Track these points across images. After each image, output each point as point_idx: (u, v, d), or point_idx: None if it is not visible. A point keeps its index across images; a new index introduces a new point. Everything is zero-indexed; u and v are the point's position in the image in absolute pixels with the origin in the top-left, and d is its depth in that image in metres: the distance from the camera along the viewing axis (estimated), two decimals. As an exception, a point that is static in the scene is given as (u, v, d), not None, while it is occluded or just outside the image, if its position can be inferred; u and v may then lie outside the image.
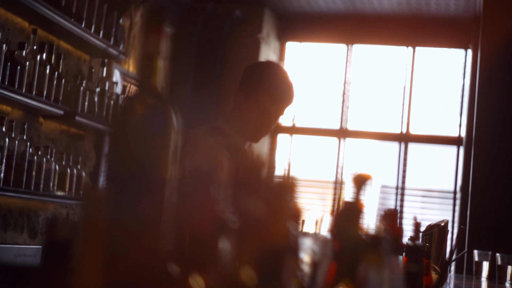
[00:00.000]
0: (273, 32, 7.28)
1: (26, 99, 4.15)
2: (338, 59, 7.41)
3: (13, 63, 4.04)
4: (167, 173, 1.11)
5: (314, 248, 1.32)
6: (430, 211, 7.00)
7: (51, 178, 4.47)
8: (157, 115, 1.12)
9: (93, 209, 0.92)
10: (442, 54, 7.27)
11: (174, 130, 1.13)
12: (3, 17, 4.33)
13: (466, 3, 6.46)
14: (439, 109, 7.23)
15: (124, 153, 1.11)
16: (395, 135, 7.18)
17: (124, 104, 1.16)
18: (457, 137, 7.02)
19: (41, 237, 4.83)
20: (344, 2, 6.75)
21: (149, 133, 1.11)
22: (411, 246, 2.15)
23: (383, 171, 7.24)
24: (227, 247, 1.10)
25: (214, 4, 6.79)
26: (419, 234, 2.40)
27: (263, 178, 1.32)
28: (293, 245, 1.24)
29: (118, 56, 5.22)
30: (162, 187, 1.11)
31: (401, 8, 6.79)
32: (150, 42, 1.13)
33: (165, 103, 1.14)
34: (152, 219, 1.09)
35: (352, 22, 7.16)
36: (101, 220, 0.93)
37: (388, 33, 7.14)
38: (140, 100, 1.15)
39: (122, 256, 1.05)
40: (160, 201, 1.10)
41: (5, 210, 4.50)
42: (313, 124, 7.41)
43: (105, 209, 0.93)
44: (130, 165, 1.10)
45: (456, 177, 6.92)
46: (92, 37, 4.83)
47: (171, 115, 1.13)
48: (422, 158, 7.20)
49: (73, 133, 5.15)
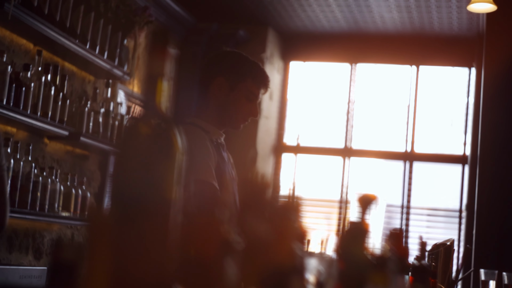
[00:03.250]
0: (277, 51, 7.30)
1: (31, 120, 4.16)
2: (342, 78, 7.42)
3: (18, 85, 4.05)
4: (172, 194, 1.11)
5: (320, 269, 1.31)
6: (435, 230, 6.97)
7: (56, 198, 4.47)
8: (162, 136, 1.13)
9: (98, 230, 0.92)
10: (446, 73, 7.27)
11: (179, 150, 1.13)
12: (8, 39, 4.35)
13: (469, 21, 6.47)
14: (443, 127, 7.22)
15: (129, 174, 1.11)
16: (400, 154, 7.17)
17: (129, 124, 1.16)
18: (462, 155, 7.01)
19: (46, 258, 4.82)
20: (347, 21, 6.78)
21: (153, 153, 1.11)
22: (417, 265, 2.14)
23: (388, 190, 7.22)
24: (232, 268, 1.10)
25: (217, 24, 6.82)
26: (425, 254, 2.39)
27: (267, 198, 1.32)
28: (298, 266, 1.23)
29: (123, 76, 5.24)
30: (167, 208, 1.10)
31: (405, 27, 6.81)
32: (154, 64, 1.14)
33: (170, 123, 1.14)
34: (157, 240, 1.09)
35: (355, 41, 7.18)
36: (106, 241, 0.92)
37: (392, 52, 7.15)
38: (144, 121, 1.15)
39: (127, 277, 1.04)
40: (165, 222, 1.10)
41: (10, 231, 4.50)
42: (317, 143, 7.40)
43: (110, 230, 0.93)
44: (135, 186, 1.10)
45: (462, 196, 6.90)
46: (97, 58, 4.85)
47: (176, 135, 1.13)
48: (427, 177, 7.18)
49: (78, 154, 5.15)
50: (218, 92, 2.82)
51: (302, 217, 1.34)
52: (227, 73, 2.83)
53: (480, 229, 5.65)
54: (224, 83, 2.82)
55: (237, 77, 2.82)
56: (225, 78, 2.82)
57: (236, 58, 2.89)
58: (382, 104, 7.35)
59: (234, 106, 2.82)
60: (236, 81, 2.82)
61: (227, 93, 2.82)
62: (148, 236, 1.09)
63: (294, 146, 7.40)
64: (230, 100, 2.82)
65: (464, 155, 6.98)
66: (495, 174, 5.68)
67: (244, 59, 2.88)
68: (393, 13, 6.44)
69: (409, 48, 7.09)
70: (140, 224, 1.09)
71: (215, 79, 2.83)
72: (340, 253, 1.37)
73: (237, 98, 2.82)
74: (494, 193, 5.64)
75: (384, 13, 6.47)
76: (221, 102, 2.82)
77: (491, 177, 5.69)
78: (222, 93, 2.82)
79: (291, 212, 1.30)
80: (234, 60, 2.87)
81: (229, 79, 2.82)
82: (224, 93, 2.82)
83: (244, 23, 6.93)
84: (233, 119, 2.83)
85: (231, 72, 2.83)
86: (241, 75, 2.82)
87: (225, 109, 2.82)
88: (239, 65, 2.85)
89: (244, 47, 7.02)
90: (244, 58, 2.89)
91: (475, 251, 5.56)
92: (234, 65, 2.85)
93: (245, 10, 6.67)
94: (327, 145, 7.37)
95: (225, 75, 2.83)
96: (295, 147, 7.40)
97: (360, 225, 1.38)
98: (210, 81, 2.84)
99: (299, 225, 1.31)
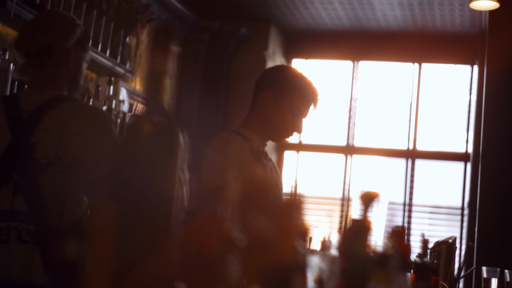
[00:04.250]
0: (279, 49, 7.30)
1: (33, 117, 4.15)
2: (344, 76, 7.41)
3: (21, 82, 4.06)
4: (174, 191, 1.11)
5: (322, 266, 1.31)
6: (437, 227, 6.97)
7: (58, 196, 4.46)
8: (164, 133, 1.13)
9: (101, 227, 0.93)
10: (448, 70, 7.27)
11: (181, 148, 1.13)
12: (10, 36, 4.36)
13: (471, 19, 6.47)
14: (445, 125, 7.22)
15: (132, 171, 1.11)
16: (402, 152, 7.17)
17: (131, 122, 1.16)
18: (464, 153, 7.01)
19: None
20: (349, 19, 6.77)
21: (156, 151, 1.11)
22: (419, 263, 2.14)
23: (390, 187, 7.22)
24: (235, 265, 1.10)
25: (220, 22, 6.81)
26: (427, 251, 2.39)
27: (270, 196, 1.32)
28: (300, 263, 1.23)
29: (125, 74, 5.24)
30: (169, 205, 1.11)
31: (407, 25, 6.80)
32: (157, 62, 1.14)
33: (172, 121, 1.14)
34: (159, 237, 1.09)
35: (358, 39, 7.17)
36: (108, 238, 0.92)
37: (394, 49, 7.14)
38: (147, 118, 1.15)
39: (129, 274, 1.05)
40: (167, 219, 1.10)
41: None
42: (319, 141, 7.40)
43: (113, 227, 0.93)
44: (138, 183, 1.10)
45: (464, 193, 6.90)
46: (99, 55, 4.85)
47: (178, 133, 1.13)
48: (429, 175, 7.18)
49: (80, 151, 5.15)
50: (263, 104, 2.87)
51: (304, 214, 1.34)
52: (274, 86, 2.87)
53: (482, 227, 5.65)
54: (271, 95, 2.86)
55: (283, 91, 2.86)
56: (272, 91, 2.87)
57: (286, 72, 2.94)
58: (385, 101, 7.35)
59: (277, 119, 2.87)
60: (282, 94, 2.86)
61: (272, 106, 2.86)
62: (150, 233, 1.09)
63: (296, 144, 7.39)
64: (274, 112, 2.86)
65: (466, 152, 6.97)
66: (497, 172, 5.68)
67: (294, 74, 2.93)
68: (395, 10, 6.44)
69: (411, 45, 7.08)
70: (143, 221, 1.09)
71: (263, 90, 2.88)
72: (342, 250, 1.37)
73: (281, 111, 2.86)
74: (496, 191, 5.64)
75: (386, 10, 6.46)
76: (265, 114, 2.88)
77: (493, 175, 5.69)
78: (267, 105, 2.87)
79: (293, 209, 1.30)
80: (283, 74, 2.92)
81: (275, 92, 2.86)
82: (269, 105, 2.87)
83: (247, 20, 6.92)
84: (275, 132, 2.89)
85: (278, 85, 2.87)
86: (288, 89, 2.87)
87: (268, 121, 2.87)
88: (287, 79, 2.89)
89: (246, 44, 7.02)
90: (294, 73, 2.93)
91: (477, 249, 5.56)
92: (283, 78, 2.90)
93: (248, 8, 6.67)
94: (329, 142, 7.36)
95: (272, 87, 2.87)
96: (297, 145, 7.40)
97: (362, 223, 1.38)
98: (259, 92, 2.89)
99: (301, 223, 1.31)
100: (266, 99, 2.87)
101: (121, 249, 1.00)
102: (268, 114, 2.87)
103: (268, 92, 2.86)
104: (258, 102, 2.88)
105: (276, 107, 2.86)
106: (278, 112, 2.86)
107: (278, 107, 2.86)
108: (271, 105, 2.86)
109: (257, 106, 2.89)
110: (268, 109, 2.87)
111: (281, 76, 2.91)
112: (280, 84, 2.87)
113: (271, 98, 2.86)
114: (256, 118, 2.89)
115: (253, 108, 2.91)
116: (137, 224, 1.08)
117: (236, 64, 7.04)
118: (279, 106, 2.86)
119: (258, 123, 2.88)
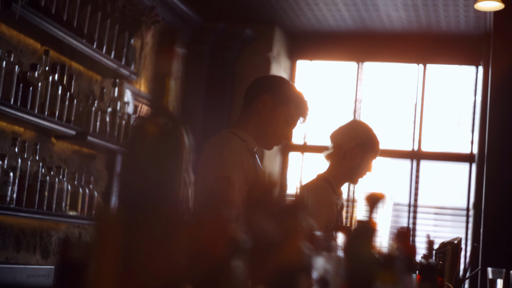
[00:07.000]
0: (284, 50, 7.30)
1: (38, 119, 4.16)
2: (348, 77, 7.41)
3: (26, 84, 4.06)
4: (180, 192, 1.11)
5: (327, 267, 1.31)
6: (443, 228, 6.96)
7: (64, 198, 4.48)
8: (169, 135, 1.13)
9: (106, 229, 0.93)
10: (453, 71, 7.26)
11: (186, 149, 1.13)
12: (15, 38, 4.37)
13: (476, 20, 6.46)
14: (450, 126, 7.21)
15: (137, 173, 1.11)
16: (407, 153, 7.16)
17: (136, 124, 1.16)
18: (469, 154, 6.99)
19: (53, 257, 4.83)
20: (354, 20, 6.77)
21: (161, 153, 1.11)
22: (424, 264, 2.14)
23: (395, 188, 7.21)
24: (240, 267, 1.10)
25: (224, 23, 6.82)
26: (432, 252, 2.38)
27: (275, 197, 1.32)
28: (306, 264, 1.23)
29: (130, 76, 5.25)
30: (174, 207, 1.11)
31: (411, 26, 6.80)
32: (162, 63, 1.14)
33: (177, 122, 1.14)
34: (165, 239, 1.09)
35: (362, 40, 7.17)
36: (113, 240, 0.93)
37: (399, 50, 7.14)
38: (152, 120, 1.15)
39: (135, 276, 1.05)
40: (172, 221, 1.10)
41: (17, 231, 4.51)
42: (324, 142, 7.38)
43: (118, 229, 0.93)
44: (143, 185, 1.10)
45: (469, 194, 6.89)
46: (104, 57, 4.86)
47: (183, 134, 1.13)
48: (434, 176, 7.17)
49: (85, 153, 5.16)
50: (261, 108, 2.94)
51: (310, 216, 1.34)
52: (274, 93, 2.96)
53: (488, 228, 5.64)
54: (269, 101, 2.94)
55: (282, 99, 2.95)
56: (271, 97, 2.94)
57: (284, 82, 3.05)
58: (389, 102, 7.34)
59: (272, 125, 2.94)
60: (280, 102, 2.94)
61: (269, 111, 2.94)
62: (155, 235, 1.09)
63: (301, 145, 7.39)
64: (270, 118, 2.94)
65: (472, 153, 6.96)
66: (502, 172, 5.67)
67: (291, 85, 3.05)
68: (400, 11, 6.43)
69: (416, 46, 7.07)
70: (148, 223, 1.09)
71: (261, 95, 2.95)
72: (348, 252, 1.37)
73: (276, 118, 2.94)
74: (502, 192, 5.63)
75: (391, 11, 6.46)
76: (261, 118, 2.95)
77: (499, 176, 5.67)
78: (265, 110, 2.94)
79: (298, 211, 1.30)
80: (282, 83, 3.03)
81: (273, 98, 2.94)
82: (267, 110, 2.94)
83: (251, 22, 6.93)
84: (268, 138, 2.96)
85: (278, 92, 2.96)
86: (287, 98, 2.96)
87: (263, 125, 2.94)
88: (286, 89, 2.99)
89: (250, 46, 7.03)
90: (291, 85, 3.05)
91: (482, 250, 5.54)
92: (282, 87, 3.00)
93: (252, 10, 6.67)
94: (334, 144, 7.35)
95: (271, 94, 2.95)
96: (302, 146, 7.40)
97: (368, 224, 1.38)
98: (256, 97, 2.96)
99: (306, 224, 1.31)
100: (264, 104, 2.93)
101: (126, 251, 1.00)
102: (264, 119, 2.93)
103: (267, 98, 2.94)
104: (254, 105, 2.95)
105: (273, 113, 2.93)
106: (273, 118, 2.93)
107: (274, 113, 2.93)
108: (268, 111, 2.93)
109: (252, 109, 2.95)
110: (264, 113, 2.94)
111: (280, 85, 3.01)
112: (279, 92, 2.96)
113: (269, 104, 2.93)
114: (251, 121, 2.95)
115: (248, 111, 2.97)
116: (142, 226, 1.08)
117: (240, 66, 7.04)
118: (276, 113, 2.93)
119: (252, 125, 2.94)
